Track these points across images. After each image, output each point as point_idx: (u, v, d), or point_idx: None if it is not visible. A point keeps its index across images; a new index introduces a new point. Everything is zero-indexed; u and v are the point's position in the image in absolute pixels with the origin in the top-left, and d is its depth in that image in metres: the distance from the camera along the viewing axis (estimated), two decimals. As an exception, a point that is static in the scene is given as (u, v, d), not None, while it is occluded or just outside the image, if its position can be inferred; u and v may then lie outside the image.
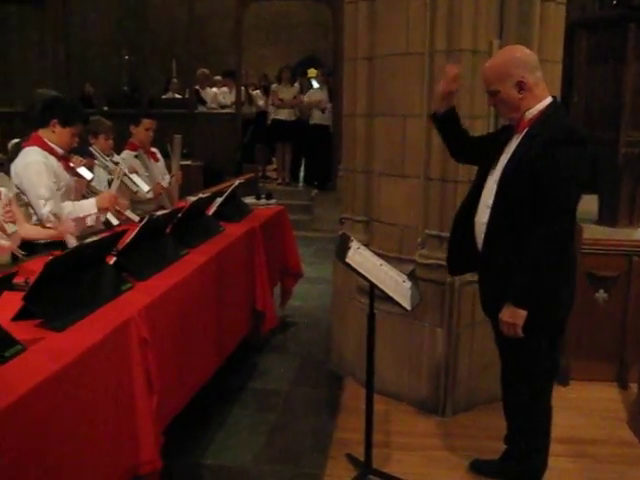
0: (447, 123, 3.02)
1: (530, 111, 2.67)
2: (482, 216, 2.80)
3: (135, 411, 2.54)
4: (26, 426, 1.88)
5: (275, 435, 3.61)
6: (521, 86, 2.64)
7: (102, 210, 3.92)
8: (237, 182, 5.00)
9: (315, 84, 10.74)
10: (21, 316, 2.40)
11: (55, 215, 3.66)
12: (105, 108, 10.20)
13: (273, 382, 4.28)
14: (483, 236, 2.79)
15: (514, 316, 2.62)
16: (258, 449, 3.45)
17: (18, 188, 3.71)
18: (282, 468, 3.28)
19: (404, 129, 3.81)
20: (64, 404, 2.08)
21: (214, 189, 5.20)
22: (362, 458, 3.13)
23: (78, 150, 4.14)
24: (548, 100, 2.69)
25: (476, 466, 3.21)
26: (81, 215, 3.86)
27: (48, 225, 3.60)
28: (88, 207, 3.89)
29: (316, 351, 4.79)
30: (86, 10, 10.96)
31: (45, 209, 3.68)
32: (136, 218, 4.15)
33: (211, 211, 4.39)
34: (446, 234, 3.69)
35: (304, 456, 3.39)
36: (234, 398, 4.00)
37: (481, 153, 2.92)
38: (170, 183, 5.08)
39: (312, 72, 14.01)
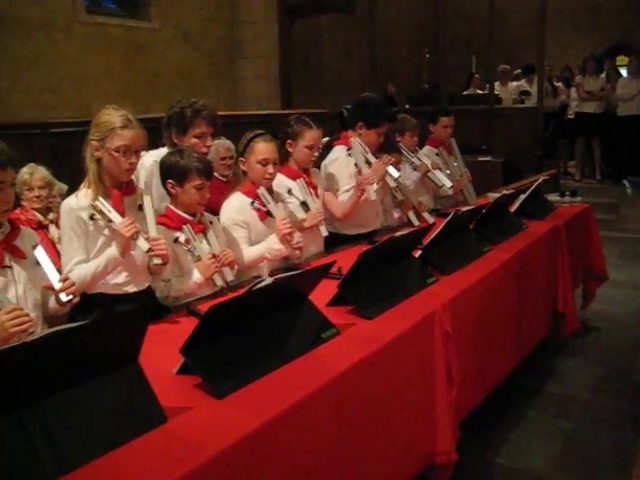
0: None
1: None
2: None
3: (435, 401, 2.61)
4: (337, 404, 2.04)
5: (572, 443, 3.44)
6: None
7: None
8: (541, 179, 4.84)
9: (625, 73, 9.96)
10: (335, 302, 2.59)
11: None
12: (407, 106, 10.53)
13: (571, 387, 4.08)
14: None
15: None
16: (553, 456, 3.32)
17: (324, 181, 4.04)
18: (578, 479, 3.12)
19: None
20: (371, 387, 2.21)
21: (516, 185, 5.10)
22: (672, 483, 2.87)
23: (386, 147, 4.32)
24: None
25: None
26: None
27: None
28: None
29: (619, 359, 4.48)
30: (390, 13, 11.42)
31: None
32: (431, 220, 4.24)
33: (514, 208, 4.33)
34: None
35: (603, 471, 3.18)
36: (529, 400, 3.90)
37: None
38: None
39: (622, 60, 13.01)
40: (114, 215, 2.57)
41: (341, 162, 4.02)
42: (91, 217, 2.58)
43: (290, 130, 3.66)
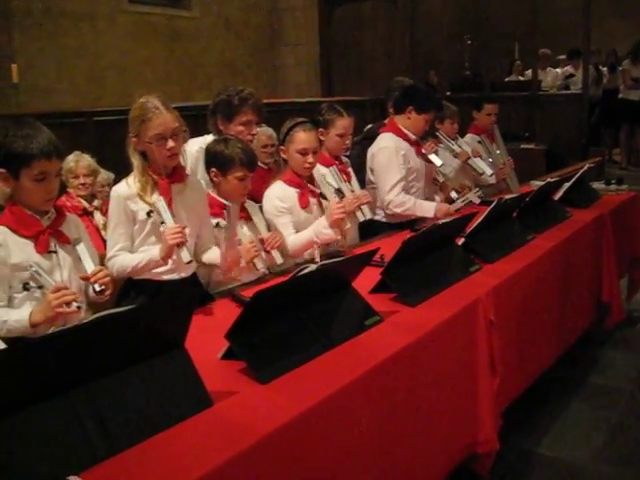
0: None
1: None
2: None
3: (477, 389, 2.60)
4: (380, 391, 2.04)
5: (616, 435, 3.38)
6: None
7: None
8: (586, 166, 4.75)
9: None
10: (378, 289, 2.60)
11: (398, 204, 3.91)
12: (448, 93, 10.42)
13: (615, 379, 4.00)
14: None
15: None
16: (597, 447, 3.26)
17: (370, 170, 4.03)
18: (624, 471, 3.05)
19: None
20: (414, 375, 2.21)
21: (560, 173, 5.03)
22: None
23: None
24: None
25: None
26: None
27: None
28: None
29: (665, 351, 4.40)
30: (433, 0, 11.28)
31: (389, 195, 3.94)
32: (477, 200, 4.21)
33: (557, 196, 4.27)
34: None
35: (647, 463, 3.14)
36: (572, 391, 3.83)
37: None
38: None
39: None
40: (167, 217, 2.56)
41: (390, 151, 4.00)
42: (148, 214, 2.60)
43: (321, 119, 3.66)
